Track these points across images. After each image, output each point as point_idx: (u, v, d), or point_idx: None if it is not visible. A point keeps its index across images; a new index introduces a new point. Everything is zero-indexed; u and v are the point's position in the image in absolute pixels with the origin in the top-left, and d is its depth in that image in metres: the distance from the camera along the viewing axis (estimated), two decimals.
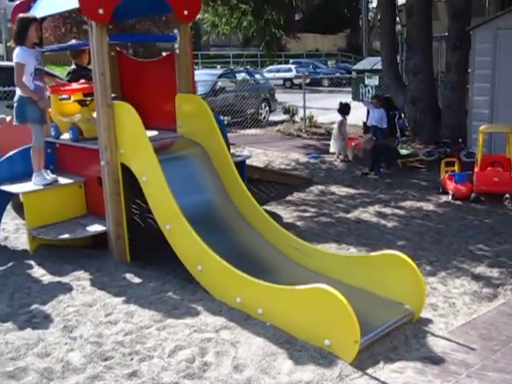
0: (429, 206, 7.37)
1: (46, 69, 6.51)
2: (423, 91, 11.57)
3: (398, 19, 14.28)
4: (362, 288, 4.25)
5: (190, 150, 5.42)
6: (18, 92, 5.50)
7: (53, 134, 5.98)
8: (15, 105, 5.55)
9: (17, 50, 5.41)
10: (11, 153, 5.92)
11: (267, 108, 17.16)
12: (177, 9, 5.38)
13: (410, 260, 4.07)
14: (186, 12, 5.41)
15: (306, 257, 4.64)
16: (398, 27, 14.76)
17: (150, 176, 4.75)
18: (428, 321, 4.13)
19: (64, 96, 6.08)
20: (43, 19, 5.90)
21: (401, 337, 3.86)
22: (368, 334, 3.64)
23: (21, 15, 5.50)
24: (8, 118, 6.67)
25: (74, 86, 5.96)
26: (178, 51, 5.55)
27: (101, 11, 4.82)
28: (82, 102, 5.69)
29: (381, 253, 4.38)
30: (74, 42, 7.64)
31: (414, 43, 11.56)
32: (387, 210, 7.21)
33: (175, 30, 5.54)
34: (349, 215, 7.03)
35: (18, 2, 6.19)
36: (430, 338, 3.89)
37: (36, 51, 5.51)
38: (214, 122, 5.30)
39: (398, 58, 13.52)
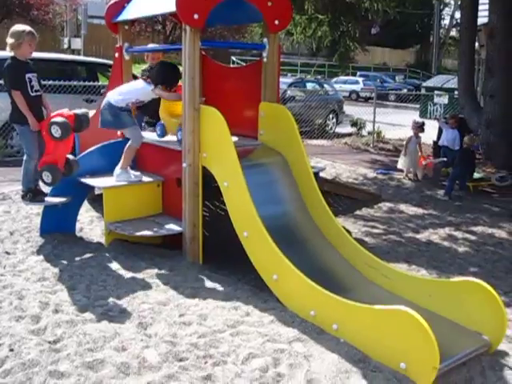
0: (501, 234, 7.19)
1: None
2: (499, 114, 11.28)
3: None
4: (438, 313, 4.17)
5: (271, 158, 5.45)
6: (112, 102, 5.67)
7: (158, 132, 5.98)
8: (109, 112, 5.71)
9: (147, 87, 5.63)
10: (92, 148, 6.07)
11: (334, 119, 17.10)
12: (268, 19, 5.43)
13: (492, 289, 3.98)
14: (277, 22, 5.45)
15: (381, 276, 4.59)
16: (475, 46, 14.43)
17: (232, 182, 4.80)
18: (504, 353, 3.99)
19: None
20: (135, 21, 6.04)
21: (477, 367, 3.76)
22: (445, 362, 3.56)
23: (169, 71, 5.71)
24: (91, 113, 6.82)
25: None
26: (265, 60, 5.61)
27: (196, 16, 4.91)
28: None
29: (461, 279, 4.29)
30: (151, 45, 7.82)
31: (493, 65, 11.30)
32: (458, 234, 7.07)
33: (264, 39, 5.60)
34: (418, 236, 6.93)
35: (112, 2, 6.37)
36: (508, 371, 3.77)
37: None
38: (297, 132, 5.32)
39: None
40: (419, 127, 10.45)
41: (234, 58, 32.93)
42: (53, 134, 5.15)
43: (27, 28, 5.30)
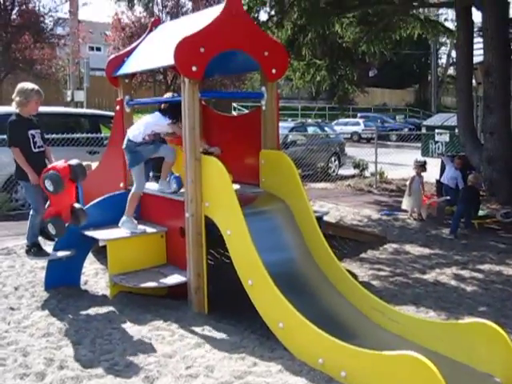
0: (509, 271, 7.12)
1: None
2: (500, 151, 11.31)
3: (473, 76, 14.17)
4: (448, 356, 4.11)
5: (274, 205, 5.47)
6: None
7: (174, 185, 5.71)
8: (128, 151, 5.82)
9: (162, 119, 5.72)
10: (96, 200, 6.10)
11: (337, 162, 17.20)
12: (265, 68, 5.52)
13: (501, 330, 3.92)
14: (274, 71, 5.54)
15: (389, 320, 4.54)
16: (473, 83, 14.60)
17: (235, 230, 4.80)
18: None
19: None
20: (135, 74, 6.15)
21: None
22: None
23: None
24: (93, 165, 6.89)
25: None
26: (264, 108, 5.68)
27: (194, 69, 5.01)
28: (207, 153, 5.71)
29: (470, 321, 4.24)
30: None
31: (491, 102, 11.39)
32: (465, 273, 7.01)
33: (262, 88, 5.68)
34: (425, 276, 6.87)
35: (112, 57, 6.50)
36: None
37: None
38: (298, 178, 5.35)
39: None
40: (421, 166, 10.50)
41: (235, 104, 33.35)
42: (47, 188, 5.19)
43: (35, 87, 5.41)
